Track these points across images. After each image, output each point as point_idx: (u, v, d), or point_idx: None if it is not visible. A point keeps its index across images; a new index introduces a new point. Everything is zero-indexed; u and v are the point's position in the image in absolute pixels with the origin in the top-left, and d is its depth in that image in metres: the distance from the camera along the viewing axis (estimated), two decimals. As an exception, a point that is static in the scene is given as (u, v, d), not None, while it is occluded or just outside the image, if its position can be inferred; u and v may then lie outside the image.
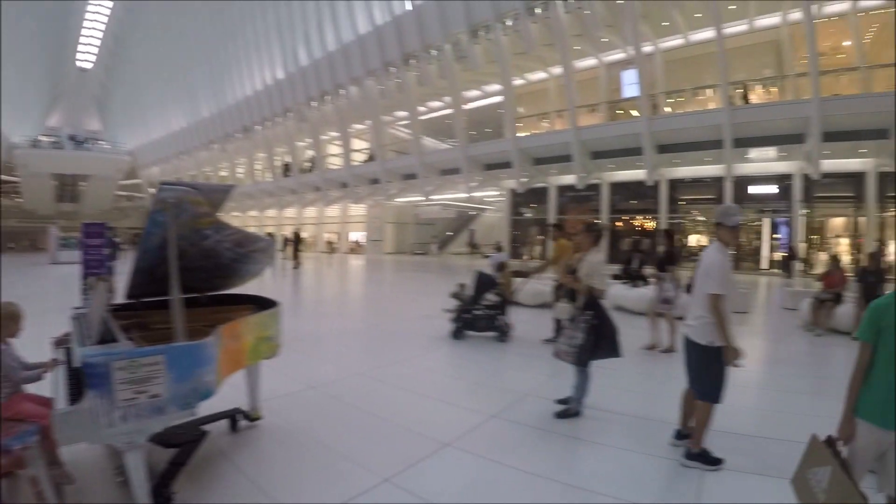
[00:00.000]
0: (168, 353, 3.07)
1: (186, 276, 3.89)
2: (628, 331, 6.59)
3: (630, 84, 26.98)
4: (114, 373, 2.84)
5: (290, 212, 47.42)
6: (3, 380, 3.40)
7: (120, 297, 4.48)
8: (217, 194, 4.05)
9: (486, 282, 8.99)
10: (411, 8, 30.08)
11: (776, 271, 24.65)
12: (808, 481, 2.66)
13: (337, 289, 19.51)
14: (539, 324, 9.36)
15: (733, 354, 3.91)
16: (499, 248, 15.79)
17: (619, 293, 12.14)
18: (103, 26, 65.46)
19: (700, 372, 4.07)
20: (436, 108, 35.79)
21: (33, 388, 3.70)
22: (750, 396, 6.12)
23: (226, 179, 50.83)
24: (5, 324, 3.51)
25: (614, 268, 13.82)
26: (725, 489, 3.73)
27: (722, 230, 4.09)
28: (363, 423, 4.88)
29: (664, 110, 26.30)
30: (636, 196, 29.06)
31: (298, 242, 28.07)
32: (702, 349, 3.98)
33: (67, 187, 56.44)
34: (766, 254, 26.47)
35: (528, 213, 33.80)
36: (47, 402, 3.40)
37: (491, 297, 8.91)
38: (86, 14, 63.78)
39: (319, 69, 36.56)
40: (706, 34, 23.94)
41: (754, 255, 26.79)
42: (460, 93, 30.71)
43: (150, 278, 3.99)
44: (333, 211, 45.11)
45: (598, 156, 26.88)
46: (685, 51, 26.49)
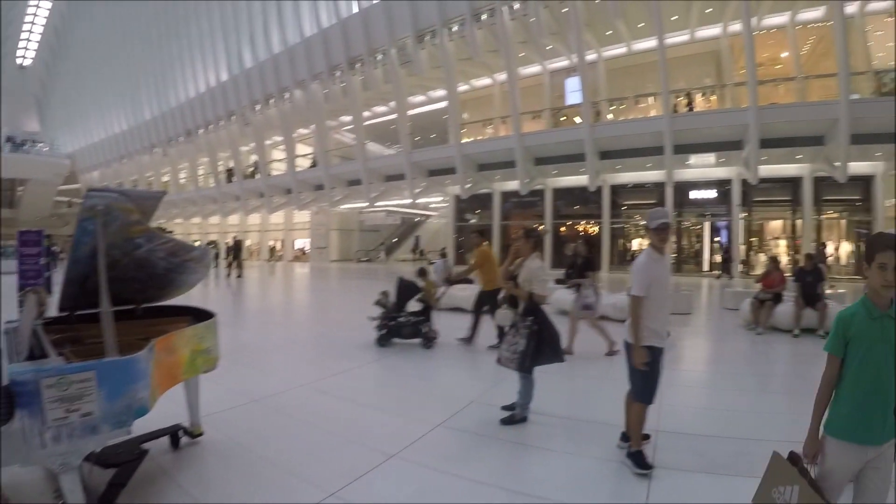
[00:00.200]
0: (99, 369, 2.89)
1: (120, 287, 3.85)
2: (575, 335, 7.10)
3: (573, 91, 26.85)
4: (43, 391, 2.69)
5: (233, 219, 45.44)
6: None
7: (54, 308, 4.20)
8: (147, 201, 3.96)
9: (407, 288, 8.86)
10: (357, 11, 29.18)
11: (717, 273, 25.11)
12: (774, 501, 2.53)
13: (281, 298, 18.97)
14: (485, 329, 8.90)
15: (639, 356, 3.93)
16: (443, 255, 15.65)
17: (562, 297, 11.88)
18: (44, 21, 62.51)
19: (631, 372, 4.09)
20: (381, 113, 35.01)
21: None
22: (695, 396, 6.25)
23: (168, 185, 48.22)
24: None
25: (558, 272, 13.36)
26: (674, 489, 3.71)
27: (649, 233, 4.11)
28: (308, 436, 4.70)
29: (607, 117, 26.26)
30: (579, 201, 29.06)
31: (239, 251, 27.08)
32: (629, 349, 4.03)
33: (4, 192, 52.62)
34: (707, 256, 27.15)
35: (472, 219, 33.52)
36: None
37: (416, 304, 8.86)
38: (26, 8, 60.74)
39: (264, 71, 35.08)
40: (649, 43, 24.15)
41: (696, 258, 27.48)
42: (405, 98, 30.15)
43: (82, 289, 3.81)
44: (278, 218, 43.43)
45: (542, 162, 26.75)
46: (628, 59, 26.67)
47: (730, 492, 3.57)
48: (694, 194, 26.56)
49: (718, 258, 26.18)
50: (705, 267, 26.63)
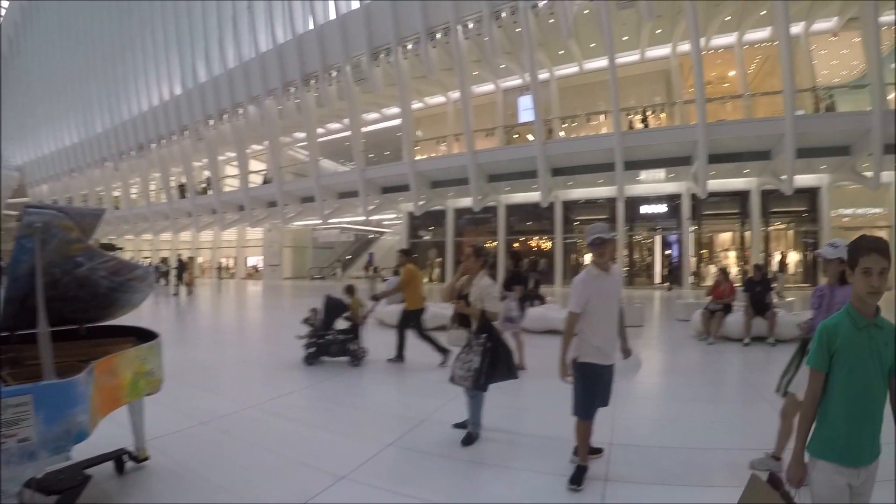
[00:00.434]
0: (36, 393, 2.78)
1: (61, 307, 3.72)
2: (526, 350, 6.82)
3: (526, 109, 26.93)
4: (-23, 416, 2.56)
5: (185, 235, 43.64)
6: None
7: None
8: (87, 219, 3.78)
9: (334, 306, 8.59)
10: (313, 27, 28.46)
11: (668, 285, 25.56)
12: None
13: (231, 316, 18.14)
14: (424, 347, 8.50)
15: (562, 370, 3.93)
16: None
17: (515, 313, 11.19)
18: (-6, 30, 59.85)
19: (574, 387, 4.02)
20: (335, 130, 34.31)
21: None
22: (647, 407, 6.16)
23: (119, 200, 46.10)
24: None
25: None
26: (628, 501, 3.62)
27: (588, 249, 4.01)
28: (257, 459, 4.43)
29: (559, 135, 26.24)
30: (532, 217, 29.17)
31: (184, 268, 26.13)
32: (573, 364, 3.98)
33: (-49, 206, 49.89)
34: (659, 269, 27.55)
35: (426, 236, 33.10)
36: None
37: (343, 322, 8.62)
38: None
39: (218, 86, 33.76)
40: (600, 63, 24.19)
41: (647, 271, 28.06)
42: (359, 115, 29.49)
43: (22, 308, 3.56)
44: (230, 235, 41.73)
45: (495, 178, 26.37)
46: (580, 78, 26.93)
47: (681, 501, 3.54)
48: (645, 209, 26.80)
49: (672, 269, 26.56)
50: (657, 280, 26.87)
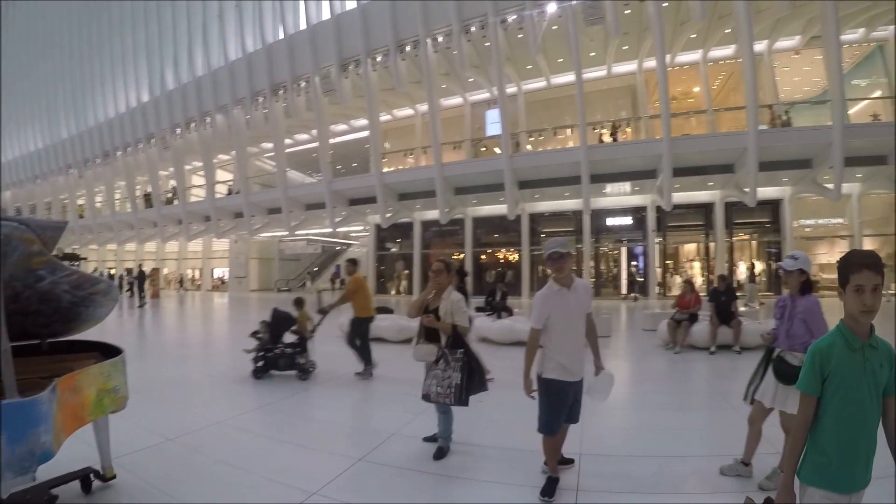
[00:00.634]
0: None
1: (22, 321, 3.70)
2: (494, 362, 6.50)
3: (493, 123, 26.92)
4: (-59, 436, 2.53)
5: (150, 246, 42.31)
6: None
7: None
8: (49, 231, 3.59)
9: (281, 320, 8.48)
10: (283, 37, 27.79)
11: (633, 295, 25.54)
12: None
13: (196, 329, 17.54)
14: (403, 360, 8.29)
15: (525, 385, 3.90)
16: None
17: (482, 325, 11.65)
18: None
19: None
20: (302, 141, 33.63)
21: None
22: (617, 417, 6.08)
23: (83, 209, 44.45)
24: None
25: (478, 300, 14.03)
26: None
27: (547, 264, 3.94)
28: (226, 476, 4.32)
29: (526, 148, 26.03)
30: (499, 230, 28.98)
31: (144, 280, 25.35)
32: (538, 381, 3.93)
33: None
34: (625, 280, 27.60)
35: (393, 248, 32.61)
36: None
37: (291, 335, 8.49)
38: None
39: (186, 94, 32.67)
40: (567, 78, 24.35)
41: (614, 282, 28.14)
42: (327, 126, 28.87)
43: None
44: (196, 246, 40.46)
45: (462, 191, 25.95)
46: (547, 93, 27.03)
47: None
48: (611, 221, 26.90)
49: (637, 281, 26.77)
50: (623, 290, 26.82)
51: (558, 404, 3.82)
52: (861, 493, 2.10)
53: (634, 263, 27.17)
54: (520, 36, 22.18)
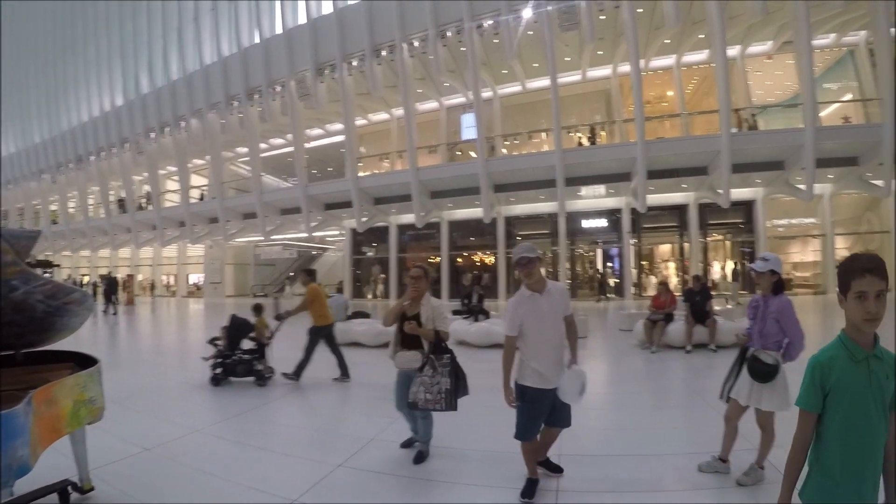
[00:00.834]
0: None
1: None
2: (472, 365, 6.09)
3: (469, 127, 26.51)
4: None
5: (125, 252, 41.13)
6: None
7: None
8: (22, 241, 3.49)
9: (239, 326, 8.33)
10: (259, 41, 27.19)
11: (612, 296, 25.69)
12: None
13: (171, 337, 16.76)
14: (380, 365, 8.39)
15: (505, 393, 3.79)
16: (339, 289, 15.18)
17: (460, 328, 11.59)
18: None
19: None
20: (278, 146, 32.97)
21: None
22: (594, 417, 5.97)
23: (56, 214, 43.01)
24: None
25: (454, 303, 14.24)
26: None
27: (517, 270, 3.82)
28: (205, 485, 4.20)
29: (501, 152, 25.68)
30: (475, 233, 28.51)
31: (113, 286, 24.38)
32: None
33: None
34: (595, 281, 27.38)
35: (369, 252, 32.06)
36: None
37: (249, 342, 8.37)
38: None
39: (161, 98, 31.78)
40: (542, 82, 24.09)
41: (590, 283, 28.06)
42: (303, 130, 28.25)
43: None
44: (171, 251, 39.47)
45: (438, 195, 25.54)
46: (522, 97, 26.72)
47: None
48: (586, 223, 26.72)
49: (612, 282, 26.76)
50: (605, 292, 26.59)
51: (534, 411, 3.76)
52: None
53: (610, 265, 27.13)
54: (496, 41, 21.92)
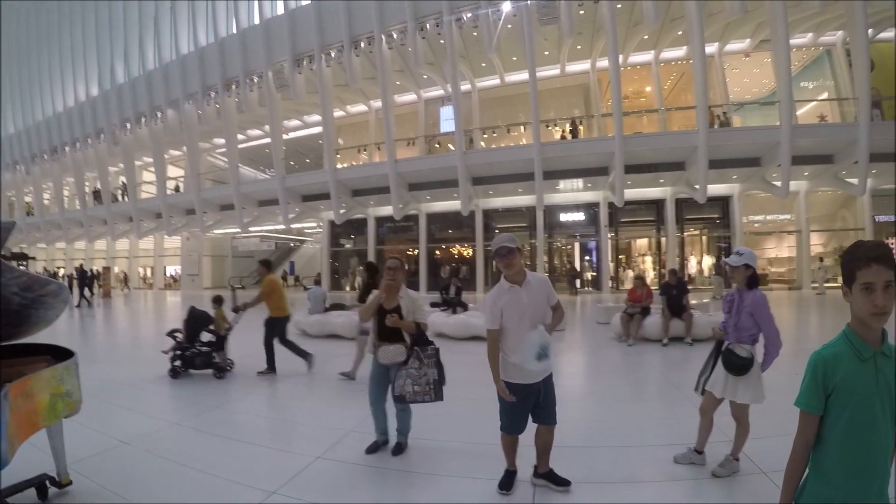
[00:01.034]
0: None
1: None
2: (450, 357, 6.22)
3: (447, 119, 26.23)
4: None
5: (101, 244, 40.08)
6: None
7: None
8: None
9: (197, 319, 8.26)
10: (236, 31, 26.45)
11: (589, 290, 25.96)
12: None
13: (150, 329, 16.18)
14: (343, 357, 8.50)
15: (498, 388, 3.60)
16: (317, 281, 15.14)
17: (438, 320, 11.51)
18: None
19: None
20: (255, 137, 32.29)
21: None
22: (572, 409, 5.77)
23: (30, 206, 41.80)
24: None
25: (433, 295, 14.15)
26: (561, 500, 3.60)
27: (497, 261, 3.65)
28: (184, 478, 4.07)
29: (479, 145, 25.37)
30: (453, 225, 28.31)
31: (85, 279, 23.77)
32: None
33: None
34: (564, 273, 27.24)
35: (347, 244, 31.71)
36: None
37: (208, 334, 8.28)
38: None
39: (137, 88, 30.90)
40: (521, 76, 23.70)
41: (568, 276, 27.60)
42: (280, 122, 27.63)
43: None
44: (148, 243, 38.56)
45: (416, 187, 25.15)
46: (501, 90, 26.50)
47: (610, 499, 3.56)
48: (564, 217, 26.58)
49: (589, 276, 27.03)
50: (577, 285, 26.56)
51: (516, 407, 3.63)
52: None
53: (588, 258, 27.10)
54: (475, 34, 21.59)
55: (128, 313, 21.25)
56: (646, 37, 22.53)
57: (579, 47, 23.46)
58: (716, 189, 22.38)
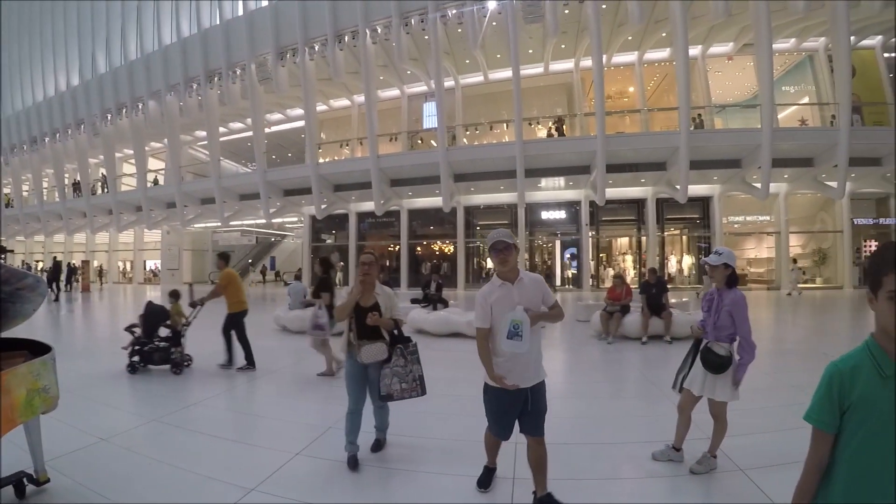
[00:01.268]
0: None
1: None
2: (430, 353, 6.15)
3: (430, 115, 25.75)
4: None
5: (80, 237, 39.15)
6: None
7: None
8: None
9: (155, 313, 8.09)
10: (219, 23, 25.82)
11: (569, 287, 25.85)
12: None
13: (128, 323, 15.91)
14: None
15: (493, 379, 3.27)
16: (298, 277, 15.25)
17: (419, 317, 11.50)
18: None
19: None
20: (237, 130, 31.64)
21: None
22: (553, 405, 4.81)
23: (9, 198, 40.57)
24: None
25: (414, 292, 13.87)
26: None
27: (491, 256, 3.39)
28: (163, 475, 4.00)
29: (462, 142, 24.94)
30: (434, 222, 27.81)
31: (58, 273, 23.73)
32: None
33: None
34: (559, 272, 27.25)
35: (328, 240, 31.18)
36: None
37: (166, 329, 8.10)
38: None
39: (118, 79, 30.02)
40: (505, 73, 23.46)
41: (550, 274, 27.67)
42: (262, 115, 26.94)
43: None
44: (127, 237, 37.59)
45: (398, 183, 24.72)
46: (484, 87, 26.10)
47: (590, 495, 3.56)
48: (545, 215, 26.38)
49: (569, 273, 26.74)
50: (557, 282, 26.55)
51: (501, 412, 3.43)
52: None
53: (569, 256, 26.86)
54: (459, 30, 21.26)
55: (106, 308, 20.67)
56: (630, 37, 22.30)
57: (563, 46, 23.17)
58: (696, 189, 22.40)
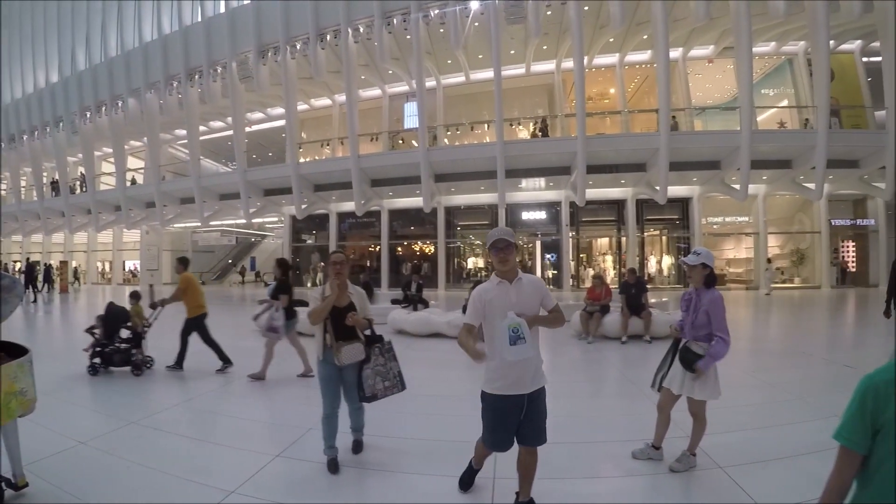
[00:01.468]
0: None
1: None
2: (410, 354, 6.02)
3: (411, 115, 25.67)
4: None
5: (58, 237, 38.30)
6: None
7: None
8: None
9: (115, 315, 7.93)
10: (201, 20, 25.35)
11: (550, 287, 24.59)
12: None
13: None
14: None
15: (475, 356, 2.98)
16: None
17: (399, 317, 11.51)
18: None
19: None
20: (217, 129, 31.12)
21: None
22: None
23: None
24: None
25: (394, 292, 13.87)
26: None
27: (490, 254, 3.22)
28: (142, 478, 3.96)
29: (443, 142, 24.72)
30: (415, 222, 27.61)
31: (32, 273, 23.31)
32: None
33: None
34: (539, 272, 26.44)
35: (308, 240, 30.80)
36: None
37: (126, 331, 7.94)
38: None
39: (98, 76, 29.33)
40: (486, 74, 23.19)
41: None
42: (243, 114, 26.37)
43: None
44: (106, 237, 36.78)
45: (378, 183, 24.39)
46: (466, 88, 25.96)
47: (570, 494, 3.57)
48: (526, 215, 26.13)
49: (550, 273, 26.43)
50: None
51: (497, 421, 3.22)
52: None
53: (549, 256, 26.71)
54: (441, 30, 20.98)
55: (83, 309, 20.05)
56: (611, 39, 22.27)
57: (545, 47, 23.10)
58: (676, 191, 22.36)
